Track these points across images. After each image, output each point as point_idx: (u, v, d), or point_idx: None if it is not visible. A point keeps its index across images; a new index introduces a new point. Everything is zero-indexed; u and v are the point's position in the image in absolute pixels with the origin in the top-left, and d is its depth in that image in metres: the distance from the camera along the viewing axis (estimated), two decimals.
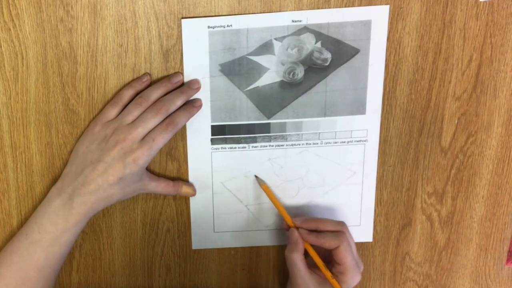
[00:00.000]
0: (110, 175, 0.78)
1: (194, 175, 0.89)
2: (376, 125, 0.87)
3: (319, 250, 0.85)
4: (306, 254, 0.85)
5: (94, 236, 0.91)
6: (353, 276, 0.84)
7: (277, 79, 0.84)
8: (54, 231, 0.80)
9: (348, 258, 0.83)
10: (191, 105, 0.83)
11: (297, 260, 0.85)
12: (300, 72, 0.84)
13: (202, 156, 0.88)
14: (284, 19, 0.81)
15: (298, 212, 0.91)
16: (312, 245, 0.85)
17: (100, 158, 0.78)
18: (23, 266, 0.81)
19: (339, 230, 0.85)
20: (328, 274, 0.84)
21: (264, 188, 0.89)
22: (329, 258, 0.86)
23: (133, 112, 0.80)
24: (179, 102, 0.81)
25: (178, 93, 0.82)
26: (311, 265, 0.86)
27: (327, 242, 0.83)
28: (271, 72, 0.84)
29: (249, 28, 0.81)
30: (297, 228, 0.86)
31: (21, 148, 0.85)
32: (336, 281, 0.84)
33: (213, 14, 0.81)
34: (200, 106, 0.84)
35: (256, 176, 0.89)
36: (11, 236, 0.88)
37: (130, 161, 0.78)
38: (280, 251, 0.94)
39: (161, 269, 0.94)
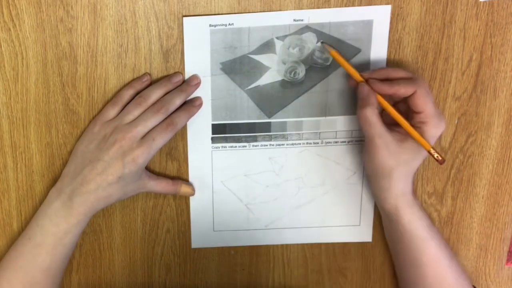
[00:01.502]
0: (109, 174, 0.78)
1: (194, 174, 0.89)
2: None
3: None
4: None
5: (94, 236, 0.91)
6: (436, 124, 0.78)
7: (278, 78, 0.84)
8: (56, 232, 0.80)
9: (429, 104, 0.77)
10: (191, 105, 0.83)
11: (372, 116, 0.77)
12: (301, 72, 0.84)
13: (202, 155, 0.88)
14: (285, 18, 0.81)
15: (299, 210, 0.92)
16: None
17: (99, 157, 0.78)
18: (29, 269, 0.81)
19: (413, 76, 0.78)
20: (406, 123, 0.78)
21: (333, 55, 0.81)
22: (406, 115, 0.79)
23: (133, 112, 0.80)
24: (178, 101, 0.81)
25: (177, 92, 0.82)
26: (388, 125, 0.79)
27: (402, 88, 0.76)
28: (272, 71, 0.84)
29: (251, 27, 0.81)
30: (366, 81, 0.79)
31: (21, 148, 0.85)
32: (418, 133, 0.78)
33: (213, 14, 0.81)
34: (200, 105, 0.84)
35: (323, 42, 0.83)
36: (11, 236, 0.89)
37: (129, 160, 0.78)
38: (280, 251, 0.94)
39: (161, 269, 0.94)
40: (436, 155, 0.78)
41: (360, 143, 0.88)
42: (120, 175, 0.78)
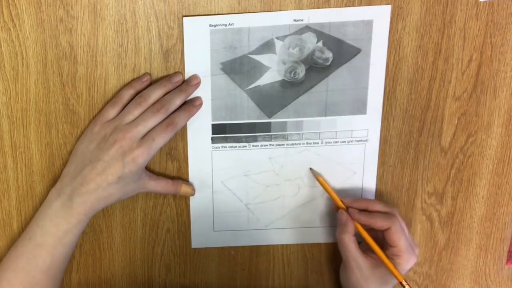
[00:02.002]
0: (109, 174, 0.78)
1: (194, 174, 0.89)
2: (377, 125, 0.87)
3: (370, 235, 0.85)
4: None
5: (94, 236, 0.91)
6: (408, 259, 0.82)
7: (278, 78, 0.84)
8: (56, 232, 0.80)
9: (402, 240, 0.82)
10: (191, 105, 0.83)
11: (349, 241, 0.84)
12: (301, 72, 0.84)
13: (202, 155, 0.88)
14: (285, 18, 0.81)
15: (299, 210, 0.92)
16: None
17: (99, 157, 0.78)
18: (29, 270, 0.81)
19: (390, 211, 0.84)
20: (382, 254, 0.83)
21: (320, 181, 0.88)
22: (381, 244, 0.84)
23: (133, 112, 0.80)
24: (178, 101, 0.81)
25: (177, 92, 0.82)
26: (364, 250, 0.85)
27: (378, 222, 0.82)
28: (272, 71, 0.84)
29: (251, 27, 0.81)
30: (347, 209, 0.86)
31: (21, 148, 0.85)
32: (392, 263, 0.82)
33: (213, 14, 0.81)
34: (200, 105, 0.84)
35: (311, 169, 0.89)
36: (11, 236, 0.88)
37: (129, 160, 0.78)
38: (280, 251, 0.94)
39: (161, 269, 0.94)
40: (407, 287, 0.83)
41: (361, 143, 0.88)
42: (120, 175, 0.78)
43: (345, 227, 0.84)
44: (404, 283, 0.82)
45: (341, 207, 0.86)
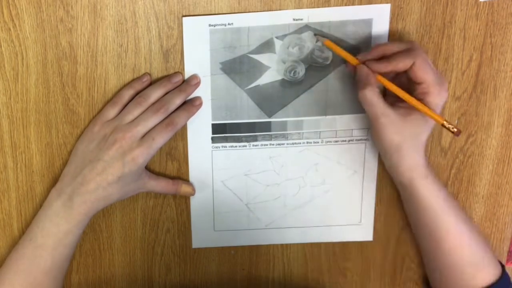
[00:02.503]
0: (109, 174, 0.78)
1: (194, 174, 0.89)
2: None
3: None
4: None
5: (94, 236, 0.91)
6: (439, 93, 0.77)
7: (278, 77, 0.84)
8: (57, 233, 0.80)
9: (428, 73, 0.76)
10: (191, 105, 0.83)
11: (373, 96, 0.76)
12: (301, 71, 0.84)
13: (202, 155, 0.88)
14: (285, 18, 0.81)
15: (299, 210, 0.92)
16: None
17: (99, 157, 0.78)
18: (30, 271, 0.81)
19: (410, 47, 0.78)
20: (411, 98, 0.77)
21: (328, 44, 0.81)
22: (409, 87, 0.79)
23: (133, 112, 0.80)
24: (178, 100, 0.81)
25: (177, 91, 0.82)
26: (391, 102, 0.79)
27: (400, 63, 0.76)
28: (272, 70, 0.84)
29: (250, 26, 0.81)
30: (364, 63, 0.79)
31: (21, 148, 0.85)
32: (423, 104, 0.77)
33: (213, 14, 0.81)
34: (200, 104, 0.84)
35: (315, 34, 0.82)
36: (11, 236, 0.88)
37: (129, 159, 0.78)
38: (280, 251, 0.94)
39: (161, 269, 0.94)
40: (451, 127, 0.77)
41: (361, 142, 0.88)
42: (120, 175, 0.78)
43: (367, 81, 0.77)
44: (446, 124, 0.77)
45: (356, 63, 0.79)
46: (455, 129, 0.77)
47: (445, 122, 0.77)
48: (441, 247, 0.83)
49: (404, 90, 0.78)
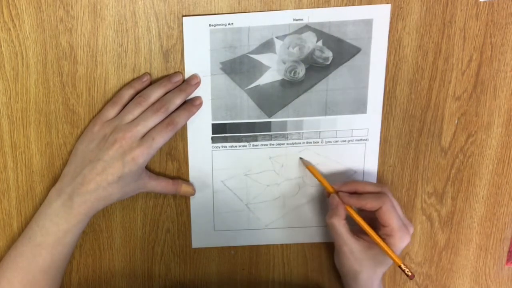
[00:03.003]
0: (109, 174, 0.78)
1: (194, 174, 0.89)
2: (377, 124, 0.87)
3: (362, 217, 0.84)
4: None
5: (94, 236, 0.91)
6: (401, 237, 0.81)
7: (278, 77, 0.84)
8: (56, 232, 0.80)
9: (394, 218, 0.81)
10: (191, 104, 0.83)
11: (339, 225, 0.83)
12: (301, 71, 0.84)
13: (202, 155, 0.88)
14: (285, 18, 0.81)
15: (299, 210, 0.92)
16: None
17: (99, 157, 0.78)
18: (29, 269, 0.81)
19: (380, 191, 0.83)
20: (375, 235, 0.82)
21: (309, 169, 0.88)
22: (374, 225, 0.84)
23: (133, 111, 0.80)
24: (178, 100, 0.81)
25: (177, 91, 0.82)
26: (356, 232, 0.85)
27: (369, 203, 0.82)
28: (272, 70, 0.84)
29: (251, 26, 0.81)
30: (337, 193, 0.85)
31: (21, 148, 0.85)
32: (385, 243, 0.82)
33: (213, 14, 0.81)
34: (200, 104, 0.84)
35: (301, 158, 0.89)
36: (11, 236, 0.88)
37: (129, 159, 0.78)
38: (280, 251, 0.94)
39: (161, 269, 0.94)
40: (406, 270, 0.82)
41: (361, 142, 0.88)
42: (120, 175, 0.78)
43: (336, 211, 0.84)
44: (403, 266, 0.82)
45: (330, 191, 0.85)
46: (410, 273, 0.82)
47: (402, 265, 0.82)
48: None
49: (369, 224, 0.84)
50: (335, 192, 0.85)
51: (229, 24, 0.81)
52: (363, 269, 0.84)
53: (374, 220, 0.84)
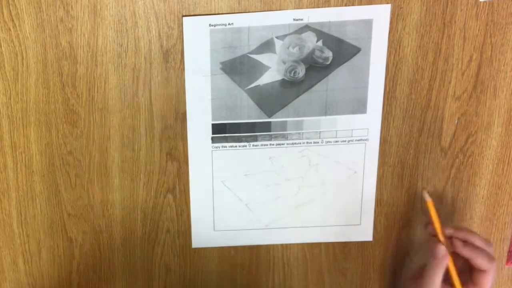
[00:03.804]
0: None
1: (194, 174, 0.88)
2: (377, 124, 0.87)
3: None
4: None
5: (94, 236, 0.91)
6: None
7: (278, 77, 0.84)
8: None
9: (488, 284, 0.81)
10: None
11: (438, 279, 0.82)
12: (301, 71, 0.84)
13: (202, 155, 0.88)
14: (285, 18, 0.81)
15: (299, 210, 0.92)
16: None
17: None
18: None
19: (490, 253, 0.82)
20: None
21: (428, 204, 0.86)
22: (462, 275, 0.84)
23: None
24: None
25: None
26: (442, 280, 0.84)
27: (479, 261, 0.81)
28: (272, 70, 0.84)
29: (251, 26, 0.81)
30: (451, 239, 0.83)
31: (21, 148, 0.85)
32: None
33: (213, 14, 0.81)
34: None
35: (423, 189, 0.89)
36: (11, 236, 0.89)
37: None
38: (280, 251, 0.94)
39: (161, 269, 0.94)
40: None
41: (361, 142, 0.88)
42: None
43: (441, 263, 0.82)
44: None
45: (441, 240, 0.84)
46: None
47: None
48: None
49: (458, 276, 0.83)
50: (444, 242, 0.83)
51: (229, 24, 0.81)
52: None
53: (459, 267, 0.83)
